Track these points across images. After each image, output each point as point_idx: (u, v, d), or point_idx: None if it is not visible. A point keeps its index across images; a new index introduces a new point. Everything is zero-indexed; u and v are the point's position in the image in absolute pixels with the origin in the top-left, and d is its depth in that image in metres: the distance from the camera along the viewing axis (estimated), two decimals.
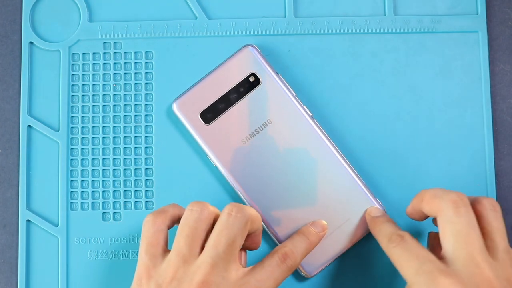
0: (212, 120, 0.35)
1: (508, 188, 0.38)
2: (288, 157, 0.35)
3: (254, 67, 0.35)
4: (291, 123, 0.35)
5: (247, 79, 0.35)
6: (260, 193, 0.35)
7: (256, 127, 0.35)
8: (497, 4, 0.39)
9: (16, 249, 0.37)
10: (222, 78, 0.35)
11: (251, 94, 0.35)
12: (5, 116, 0.38)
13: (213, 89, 0.35)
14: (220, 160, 0.35)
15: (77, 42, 0.39)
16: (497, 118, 0.38)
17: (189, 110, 0.36)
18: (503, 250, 0.29)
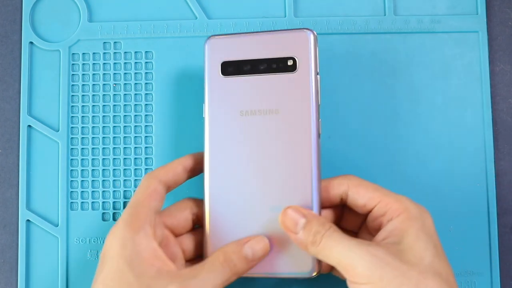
0: (229, 74, 0.32)
1: (508, 188, 0.38)
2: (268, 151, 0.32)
3: (299, 53, 0.32)
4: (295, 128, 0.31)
5: (285, 60, 0.32)
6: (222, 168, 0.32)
7: (262, 108, 0.32)
8: (497, 4, 0.39)
9: (16, 249, 0.37)
10: (265, 44, 0.32)
11: (279, 76, 0.32)
12: (5, 116, 0.39)
13: (249, 48, 0.32)
14: (210, 117, 0.32)
15: (77, 42, 0.39)
16: (497, 118, 0.38)
17: (216, 52, 0.33)
18: None
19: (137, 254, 0.28)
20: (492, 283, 0.37)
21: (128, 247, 0.28)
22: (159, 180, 0.31)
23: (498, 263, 0.37)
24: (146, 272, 0.28)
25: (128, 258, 0.28)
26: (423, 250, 0.27)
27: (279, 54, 0.32)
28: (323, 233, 0.28)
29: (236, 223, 0.32)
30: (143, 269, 0.28)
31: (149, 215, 0.30)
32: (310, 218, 0.29)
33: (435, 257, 0.27)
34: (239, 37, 0.33)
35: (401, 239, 0.28)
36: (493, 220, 0.37)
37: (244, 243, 0.30)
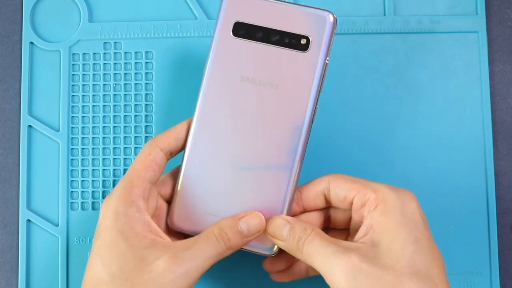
0: (239, 36, 0.31)
1: (507, 188, 0.38)
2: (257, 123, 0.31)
3: (315, 34, 0.30)
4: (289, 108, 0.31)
5: (299, 37, 0.30)
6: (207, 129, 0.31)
7: (263, 79, 0.31)
8: (497, 4, 0.39)
9: (16, 249, 0.37)
10: (284, 16, 0.31)
11: (289, 51, 0.30)
12: (5, 116, 0.39)
13: (267, 15, 0.31)
14: (210, 74, 0.31)
15: (78, 42, 0.39)
16: (496, 118, 0.38)
17: (232, 11, 0.31)
18: None
19: (130, 227, 0.28)
20: (491, 282, 0.37)
21: (121, 220, 0.28)
22: (160, 148, 0.30)
23: (497, 263, 0.37)
24: (140, 243, 0.28)
25: (121, 230, 0.28)
26: (401, 248, 0.27)
27: (294, 30, 0.30)
28: (305, 239, 0.28)
29: (209, 189, 0.31)
30: (137, 240, 0.28)
31: (143, 187, 0.30)
32: (293, 224, 0.29)
33: (414, 253, 0.27)
34: (261, 1, 0.31)
35: (378, 238, 0.28)
36: (493, 220, 0.37)
37: (240, 218, 0.30)
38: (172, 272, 0.27)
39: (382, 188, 0.29)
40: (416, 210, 0.29)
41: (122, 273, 0.27)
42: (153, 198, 0.31)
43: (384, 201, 0.28)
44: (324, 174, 0.31)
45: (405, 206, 0.28)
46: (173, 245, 0.28)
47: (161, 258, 0.27)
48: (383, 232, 0.28)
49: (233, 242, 0.29)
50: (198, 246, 0.28)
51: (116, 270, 0.27)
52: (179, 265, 0.27)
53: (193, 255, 0.28)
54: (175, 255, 0.27)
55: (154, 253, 0.27)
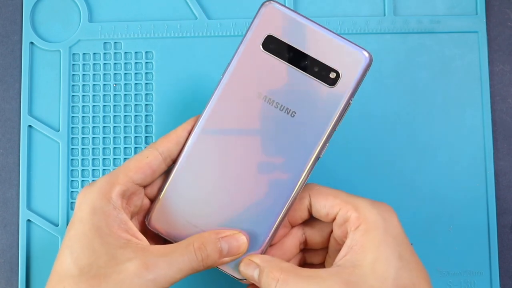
0: (268, 51, 0.29)
1: (507, 188, 0.38)
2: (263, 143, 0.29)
3: (346, 71, 0.28)
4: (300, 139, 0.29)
5: (329, 70, 0.28)
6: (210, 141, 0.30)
7: (281, 102, 0.29)
8: (497, 4, 0.39)
9: (16, 248, 0.37)
10: (320, 43, 0.28)
11: (315, 81, 0.28)
12: (5, 116, 0.39)
13: (303, 37, 0.28)
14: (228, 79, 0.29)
15: (78, 42, 0.39)
16: (496, 118, 0.38)
17: (268, 22, 0.29)
18: None
19: (106, 223, 0.27)
20: (491, 282, 0.37)
21: (97, 215, 0.28)
22: (159, 152, 0.29)
23: (497, 263, 0.37)
24: (113, 242, 0.27)
25: (96, 226, 0.27)
26: (385, 267, 0.26)
27: (326, 61, 0.28)
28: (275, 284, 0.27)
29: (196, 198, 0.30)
30: (111, 238, 0.27)
31: (126, 187, 0.29)
32: (262, 268, 0.28)
33: (399, 270, 0.26)
34: (300, 19, 0.28)
35: (361, 259, 0.27)
36: (493, 220, 0.37)
37: (222, 237, 0.29)
38: (141, 277, 0.26)
39: (363, 206, 0.28)
40: (398, 225, 0.28)
41: (91, 269, 0.26)
42: (138, 197, 0.30)
43: (365, 220, 0.27)
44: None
45: (387, 223, 0.27)
46: (148, 248, 0.27)
47: (133, 261, 0.26)
48: (366, 252, 0.27)
49: (210, 259, 0.28)
50: (173, 255, 0.27)
51: (85, 265, 0.27)
52: (149, 271, 0.26)
53: (166, 263, 0.27)
54: (148, 260, 0.27)
55: (126, 253, 0.27)
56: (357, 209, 0.28)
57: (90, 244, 0.27)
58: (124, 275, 0.26)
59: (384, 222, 0.27)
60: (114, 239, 0.27)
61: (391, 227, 0.27)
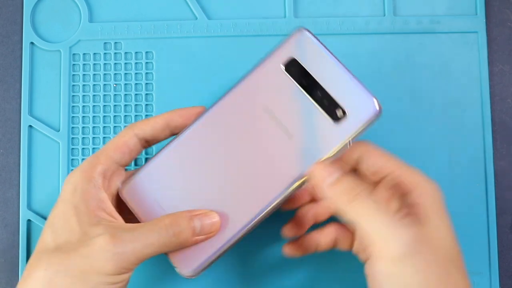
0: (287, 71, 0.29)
1: (507, 188, 0.38)
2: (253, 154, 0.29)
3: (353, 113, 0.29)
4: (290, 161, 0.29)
5: (336, 106, 0.29)
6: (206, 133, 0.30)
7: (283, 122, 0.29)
8: (496, 4, 0.39)
9: (17, 248, 0.37)
10: (337, 78, 0.29)
11: (321, 113, 0.29)
12: (6, 116, 0.39)
13: (323, 70, 0.29)
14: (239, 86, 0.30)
15: (78, 42, 0.39)
16: (496, 118, 0.38)
17: (296, 46, 0.29)
18: None
19: (85, 202, 0.28)
20: (491, 282, 0.37)
21: (77, 194, 0.29)
22: (135, 133, 0.31)
23: (497, 263, 0.37)
24: (88, 220, 0.28)
25: (75, 205, 0.28)
26: (446, 235, 0.27)
27: (338, 98, 0.29)
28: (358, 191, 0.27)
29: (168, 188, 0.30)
30: (87, 217, 0.28)
31: (107, 166, 0.30)
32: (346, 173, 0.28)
33: (454, 240, 0.27)
34: (325, 52, 0.29)
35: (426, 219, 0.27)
36: (492, 220, 0.37)
37: (195, 214, 0.29)
38: (107, 251, 0.27)
39: (418, 173, 0.29)
40: (444, 202, 0.29)
41: (65, 246, 0.27)
42: (118, 178, 0.31)
43: (422, 185, 0.28)
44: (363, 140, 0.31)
45: (440, 195, 0.29)
46: (118, 225, 0.28)
47: (102, 236, 0.27)
48: (429, 217, 0.27)
49: (183, 236, 0.28)
50: (142, 230, 0.28)
51: (62, 242, 0.28)
52: (116, 244, 0.27)
53: (134, 237, 0.27)
54: (115, 234, 0.27)
55: (97, 230, 0.28)
56: (412, 175, 0.29)
57: (68, 223, 0.28)
58: (91, 248, 0.27)
59: (438, 193, 0.28)
60: (89, 217, 0.28)
61: (442, 198, 0.28)
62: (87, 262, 0.27)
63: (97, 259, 0.27)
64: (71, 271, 0.27)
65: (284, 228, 0.33)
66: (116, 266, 0.27)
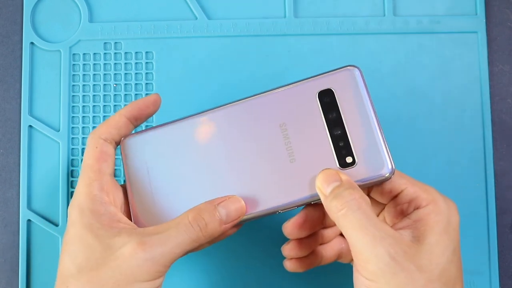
0: (319, 100, 0.28)
1: (507, 188, 0.38)
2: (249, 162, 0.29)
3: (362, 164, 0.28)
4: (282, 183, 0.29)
5: (350, 155, 0.28)
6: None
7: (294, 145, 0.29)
8: (496, 4, 0.39)
9: (17, 248, 0.37)
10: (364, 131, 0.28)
11: (332, 153, 0.28)
12: (6, 116, 0.39)
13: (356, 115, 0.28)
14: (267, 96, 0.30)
15: (78, 42, 0.39)
16: (496, 118, 0.38)
17: (341, 82, 0.28)
18: None
19: (96, 219, 0.28)
20: (491, 282, 0.37)
21: (86, 215, 0.28)
22: (103, 138, 0.30)
23: (497, 263, 0.37)
24: (106, 233, 0.27)
25: (87, 224, 0.28)
26: (441, 255, 0.26)
27: (354, 145, 0.28)
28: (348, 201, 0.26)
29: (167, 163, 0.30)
30: (103, 231, 0.27)
31: (101, 180, 0.29)
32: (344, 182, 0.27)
33: (450, 263, 0.26)
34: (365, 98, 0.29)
35: (423, 237, 0.26)
36: (492, 220, 0.37)
37: (218, 203, 0.28)
38: (137, 258, 0.26)
39: (432, 190, 0.28)
40: (458, 221, 0.28)
41: (88, 264, 0.27)
42: (117, 191, 0.30)
43: (435, 202, 0.27)
44: None
45: (451, 214, 0.27)
46: (142, 231, 0.27)
47: (128, 244, 0.26)
48: (429, 233, 0.26)
49: (210, 228, 0.28)
50: (168, 231, 0.27)
51: (82, 261, 0.27)
52: (145, 250, 0.26)
53: (162, 240, 0.27)
54: (142, 240, 0.26)
55: (121, 240, 0.27)
56: (426, 192, 0.28)
57: (84, 242, 0.27)
58: (121, 259, 0.26)
59: (449, 212, 0.27)
60: (107, 230, 0.27)
61: (454, 220, 0.27)
62: (119, 273, 0.26)
63: (129, 268, 0.26)
64: (104, 286, 0.26)
65: (285, 249, 0.31)
66: (149, 271, 0.26)
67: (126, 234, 0.27)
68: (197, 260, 0.37)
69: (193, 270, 0.37)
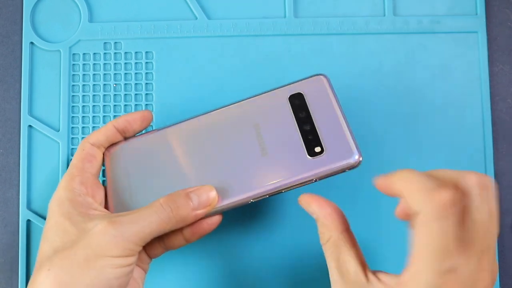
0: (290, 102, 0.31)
1: (507, 188, 0.38)
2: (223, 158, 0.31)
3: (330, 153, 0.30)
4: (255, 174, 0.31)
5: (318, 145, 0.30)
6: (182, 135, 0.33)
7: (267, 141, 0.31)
8: (497, 4, 0.39)
9: (16, 248, 0.37)
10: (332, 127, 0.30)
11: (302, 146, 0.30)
12: (6, 116, 0.39)
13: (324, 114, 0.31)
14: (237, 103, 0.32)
15: (78, 42, 0.39)
16: (496, 118, 0.38)
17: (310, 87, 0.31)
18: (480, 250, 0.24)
19: (74, 208, 0.29)
20: None
21: (65, 205, 0.30)
22: (91, 143, 0.32)
23: (497, 263, 0.37)
24: (82, 219, 0.29)
25: (65, 213, 0.29)
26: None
27: (322, 137, 0.30)
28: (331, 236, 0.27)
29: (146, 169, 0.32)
30: (80, 218, 0.29)
31: (83, 176, 0.31)
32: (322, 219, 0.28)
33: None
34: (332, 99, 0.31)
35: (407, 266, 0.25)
36: None
37: (190, 191, 0.30)
38: (107, 234, 0.27)
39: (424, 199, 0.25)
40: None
41: (64, 246, 0.28)
42: (98, 189, 0.32)
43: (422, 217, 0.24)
44: None
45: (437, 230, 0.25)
46: (115, 214, 0.29)
47: (99, 224, 0.28)
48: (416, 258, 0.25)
49: (181, 211, 0.29)
50: (139, 211, 0.29)
51: (59, 245, 0.28)
52: (115, 227, 0.27)
53: (133, 219, 0.28)
54: (113, 220, 0.28)
55: (94, 222, 0.28)
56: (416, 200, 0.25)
57: (62, 228, 0.29)
58: (92, 237, 0.27)
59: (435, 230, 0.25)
60: (82, 217, 0.29)
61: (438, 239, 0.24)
62: (90, 249, 0.27)
63: (99, 244, 0.27)
64: (75, 262, 0.27)
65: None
66: (118, 247, 0.27)
67: (100, 217, 0.29)
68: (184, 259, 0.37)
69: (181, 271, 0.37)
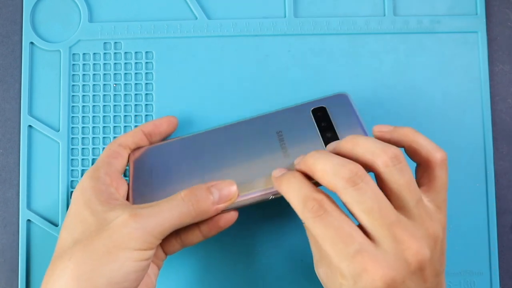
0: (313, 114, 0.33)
1: (507, 188, 0.38)
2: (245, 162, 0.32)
3: None
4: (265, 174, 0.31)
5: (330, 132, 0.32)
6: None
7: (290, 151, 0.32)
8: (497, 4, 0.39)
9: (16, 248, 0.37)
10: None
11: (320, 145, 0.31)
12: (5, 116, 0.39)
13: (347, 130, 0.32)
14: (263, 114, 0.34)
15: (78, 42, 0.39)
16: (496, 118, 0.38)
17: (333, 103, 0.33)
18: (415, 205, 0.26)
19: (96, 196, 0.30)
20: (491, 282, 0.37)
21: (87, 193, 0.30)
22: (118, 143, 0.33)
23: (497, 263, 0.37)
24: (103, 208, 0.29)
25: (86, 201, 0.30)
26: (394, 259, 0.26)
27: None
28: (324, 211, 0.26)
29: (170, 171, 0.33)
30: (100, 207, 0.29)
31: (108, 169, 0.32)
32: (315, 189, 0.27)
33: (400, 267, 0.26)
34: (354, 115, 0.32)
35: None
36: (493, 220, 0.37)
37: (211, 185, 0.30)
38: (128, 227, 0.27)
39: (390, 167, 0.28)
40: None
41: (83, 236, 0.28)
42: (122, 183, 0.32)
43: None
44: None
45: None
46: (136, 206, 0.29)
47: (120, 216, 0.28)
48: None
49: (202, 205, 0.29)
50: (160, 204, 0.29)
51: (79, 235, 0.28)
52: (136, 220, 0.27)
53: (154, 212, 0.28)
54: (134, 212, 0.28)
55: (115, 213, 0.28)
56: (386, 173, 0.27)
57: (82, 217, 0.29)
58: (113, 229, 0.27)
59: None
60: (103, 206, 0.29)
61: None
62: (110, 241, 0.27)
63: (120, 236, 0.27)
64: (96, 254, 0.27)
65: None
66: (139, 240, 0.27)
67: (121, 208, 0.29)
68: (196, 256, 0.37)
69: (191, 269, 0.37)
